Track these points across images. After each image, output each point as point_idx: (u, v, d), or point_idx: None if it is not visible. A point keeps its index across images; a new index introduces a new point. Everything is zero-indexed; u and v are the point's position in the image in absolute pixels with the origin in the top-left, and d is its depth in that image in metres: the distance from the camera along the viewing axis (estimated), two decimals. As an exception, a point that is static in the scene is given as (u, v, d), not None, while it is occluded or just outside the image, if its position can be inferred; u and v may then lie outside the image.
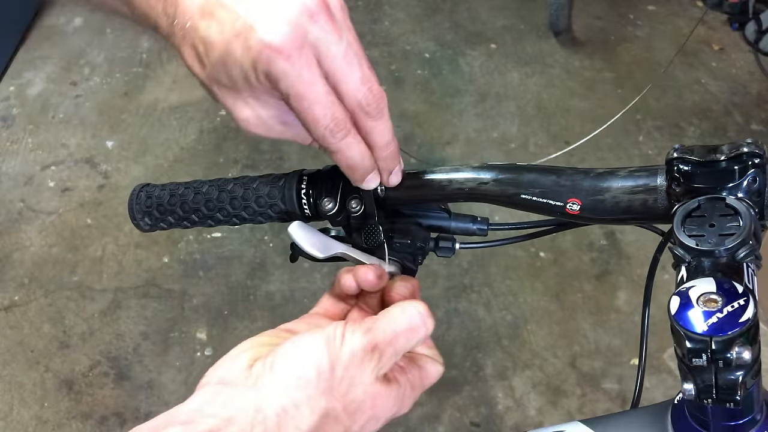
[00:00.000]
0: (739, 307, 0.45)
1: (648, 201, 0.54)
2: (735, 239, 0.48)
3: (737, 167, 0.51)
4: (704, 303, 0.46)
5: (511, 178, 0.59)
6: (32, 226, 2.31)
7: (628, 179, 0.55)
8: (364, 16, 3.05)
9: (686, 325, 0.45)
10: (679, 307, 0.46)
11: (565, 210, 0.57)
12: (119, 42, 3.02)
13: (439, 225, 0.66)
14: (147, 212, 0.66)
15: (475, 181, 0.60)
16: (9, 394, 1.91)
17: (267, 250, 2.19)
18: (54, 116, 2.70)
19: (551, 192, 0.57)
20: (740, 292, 0.45)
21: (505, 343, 1.96)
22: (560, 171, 0.58)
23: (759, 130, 2.47)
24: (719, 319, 0.44)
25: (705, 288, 0.46)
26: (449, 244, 0.66)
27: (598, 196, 0.55)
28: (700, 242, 0.48)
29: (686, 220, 0.50)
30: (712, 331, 0.44)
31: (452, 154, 2.45)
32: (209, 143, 2.54)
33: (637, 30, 2.91)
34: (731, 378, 0.45)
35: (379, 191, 0.61)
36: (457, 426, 1.81)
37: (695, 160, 0.52)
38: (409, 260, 0.64)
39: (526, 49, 2.85)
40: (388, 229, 0.63)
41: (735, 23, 2.83)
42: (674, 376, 1.83)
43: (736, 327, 0.44)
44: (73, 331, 2.04)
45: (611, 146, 2.44)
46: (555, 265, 2.12)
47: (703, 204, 0.50)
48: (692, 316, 0.45)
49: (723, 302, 0.45)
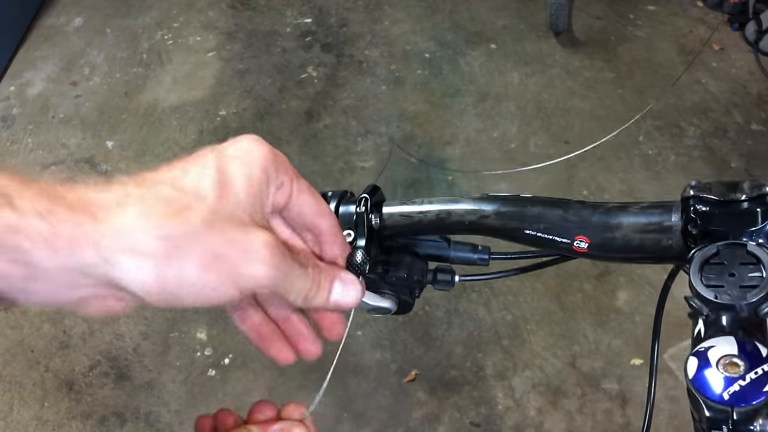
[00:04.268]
0: (763, 373, 0.41)
1: (662, 241, 0.50)
2: (758, 293, 0.44)
3: (760, 210, 0.47)
4: (725, 367, 0.42)
5: (514, 211, 0.55)
6: (32, 226, 2.31)
7: (641, 216, 0.51)
8: (364, 16, 3.05)
9: (705, 391, 0.41)
10: (697, 370, 0.42)
11: (572, 248, 0.53)
12: (119, 42, 3.02)
13: (437, 254, 0.62)
14: None
15: (475, 213, 0.56)
16: (9, 394, 1.91)
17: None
18: (54, 116, 2.70)
19: (557, 228, 0.53)
20: (764, 355, 0.41)
21: (505, 343, 1.96)
22: (567, 205, 0.54)
23: (759, 130, 2.47)
24: (741, 387, 0.40)
25: (725, 350, 0.42)
26: (448, 277, 0.63)
27: (608, 233, 0.52)
28: (719, 294, 0.45)
29: (704, 267, 0.46)
30: (734, 401, 0.40)
31: (452, 154, 2.45)
32: (209, 143, 2.50)
33: (637, 30, 2.90)
34: None
35: (374, 222, 0.57)
36: (457, 426, 1.81)
37: (714, 200, 0.48)
38: (406, 294, 0.60)
39: (526, 49, 2.85)
40: (383, 261, 0.59)
41: (735, 23, 2.83)
42: (674, 376, 1.83)
43: (760, 396, 0.40)
44: (73, 331, 2.04)
45: (611, 146, 2.43)
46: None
47: (722, 250, 0.46)
48: (712, 380, 0.41)
49: (746, 367, 0.41)
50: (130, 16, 3.16)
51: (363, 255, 0.52)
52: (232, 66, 2.86)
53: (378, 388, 1.88)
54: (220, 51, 2.94)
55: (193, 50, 2.96)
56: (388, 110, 2.63)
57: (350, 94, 2.70)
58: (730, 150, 2.40)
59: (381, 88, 2.72)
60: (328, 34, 2.98)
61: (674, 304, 0.69)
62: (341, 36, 2.97)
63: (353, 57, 2.86)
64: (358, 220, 0.55)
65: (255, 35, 3.01)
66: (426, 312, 2.02)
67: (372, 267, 0.58)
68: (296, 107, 2.67)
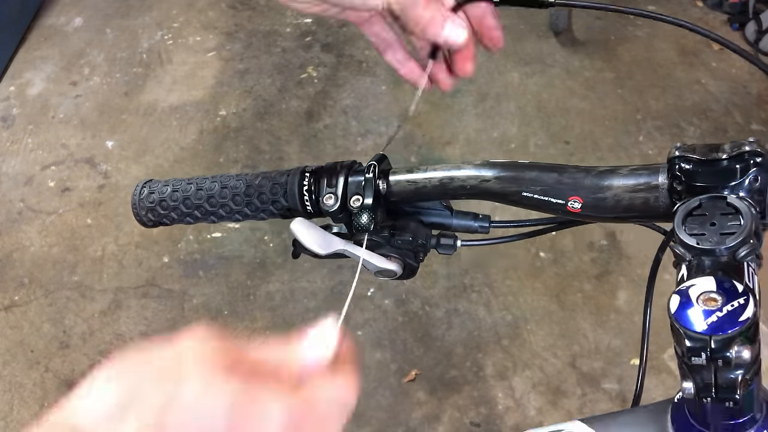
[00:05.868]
0: (738, 306, 0.44)
1: (649, 199, 0.54)
2: (736, 238, 0.48)
3: (739, 166, 0.51)
4: (704, 302, 0.45)
5: (513, 175, 0.59)
6: (32, 226, 2.31)
7: (630, 177, 0.55)
8: (364, 16, 3.05)
9: (686, 323, 0.45)
10: (678, 306, 0.46)
11: (567, 208, 0.57)
12: (119, 42, 3.02)
13: (440, 222, 0.66)
14: (150, 208, 0.67)
15: (476, 178, 0.60)
16: (9, 394, 1.91)
17: (267, 250, 2.19)
18: (54, 116, 2.70)
19: (553, 190, 0.57)
20: (740, 291, 0.45)
21: (505, 343, 1.96)
22: (562, 169, 0.58)
23: (759, 129, 2.47)
24: (719, 318, 0.44)
25: (705, 287, 0.46)
26: (450, 242, 0.66)
27: (600, 194, 0.55)
28: (700, 241, 0.48)
29: (687, 218, 0.50)
30: (711, 330, 0.44)
31: (452, 154, 2.45)
32: (209, 143, 2.54)
33: (637, 30, 2.90)
34: (730, 377, 0.45)
35: (381, 188, 0.61)
36: (457, 426, 1.81)
37: (697, 159, 0.51)
38: (411, 257, 0.63)
39: (526, 49, 2.85)
40: (390, 226, 0.63)
41: (735, 23, 2.83)
42: (674, 376, 1.83)
43: (735, 326, 0.44)
44: (73, 331, 2.04)
45: (611, 146, 2.44)
46: (555, 265, 2.12)
47: (704, 203, 0.50)
48: (692, 314, 0.45)
49: (723, 301, 0.45)
50: (130, 16, 3.16)
51: (369, 215, 0.58)
52: (232, 66, 2.86)
53: (378, 387, 1.88)
54: (220, 51, 2.95)
55: (193, 50, 2.96)
56: (388, 110, 2.63)
57: (350, 94, 2.71)
58: (730, 150, 2.40)
59: (381, 88, 2.72)
60: (328, 34, 2.98)
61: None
62: (341, 36, 2.97)
63: (353, 57, 2.87)
64: (366, 186, 0.60)
65: (255, 35, 3.01)
66: (426, 312, 2.02)
67: (378, 231, 0.62)
68: (296, 107, 2.67)
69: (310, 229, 0.59)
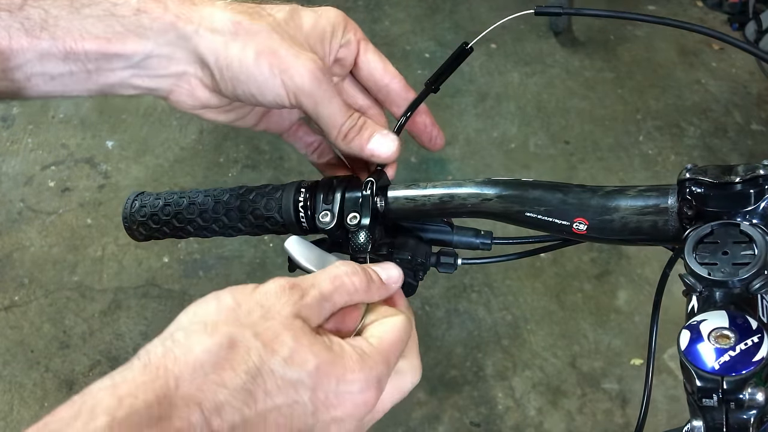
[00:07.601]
0: (753, 344, 0.42)
1: (658, 223, 0.52)
2: (749, 270, 0.45)
3: (753, 191, 0.48)
4: (716, 339, 0.43)
5: (516, 194, 0.56)
6: (32, 226, 2.31)
7: (638, 199, 0.53)
8: (364, 16, 3.05)
9: (696, 362, 0.43)
10: (689, 342, 0.44)
11: (572, 230, 0.54)
12: (119, 42, 3.02)
13: (440, 239, 0.63)
14: (142, 222, 0.65)
15: (478, 197, 0.57)
16: (9, 394, 1.91)
17: (267, 250, 2.20)
18: (54, 116, 2.70)
19: (557, 210, 0.55)
20: (754, 328, 0.43)
21: (505, 343, 1.96)
22: (567, 189, 0.56)
23: (759, 130, 2.47)
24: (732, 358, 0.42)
25: (717, 323, 0.44)
26: (451, 260, 0.64)
27: (606, 216, 0.53)
28: (712, 271, 0.46)
29: (698, 246, 0.48)
30: (723, 370, 0.42)
31: (452, 154, 2.45)
32: (209, 143, 2.54)
33: (637, 30, 2.90)
34: (743, 418, 0.43)
35: (379, 205, 0.59)
36: (457, 426, 1.81)
37: (708, 182, 0.49)
38: (410, 276, 0.61)
39: (526, 49, 2.85)
40: (388, 243, 0.61)
41: (735, 23, 2.83)
42: (674, 376, 1.83)
43: (749, 366, 0.41)
44: (73, 331, 2.04)
45: (611, 146, 2.44)
46: (555, 265, 2.12)
47: (716, 230, 0.48)
48: (703, 352, 0.43)
49: (736, 339, 0.43)
50: (130, 16, 3.16)
51: (366, 235, 0.56)
52: (232, 66, 2.86)
53: (378, 388, 1.88)
54: (220, 51, 2.94)
55: (193, 50, 2.96)
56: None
57: (350, 94, 2.70)
58: (730, 150, 2.40)
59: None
60: (328, 34, 2.98)
61: (673, 302, 0.69)
62: (341, 36, 2.97)
63: (353, 57, 2.86)
64: (363, 203, 0.57)
65: (255, 35, 3.01)
66: (426, 312, 2.02)
67: (377, 249, 0.59)
68: (296, 107, 2.67)
69: (304, 247, 0.57)
